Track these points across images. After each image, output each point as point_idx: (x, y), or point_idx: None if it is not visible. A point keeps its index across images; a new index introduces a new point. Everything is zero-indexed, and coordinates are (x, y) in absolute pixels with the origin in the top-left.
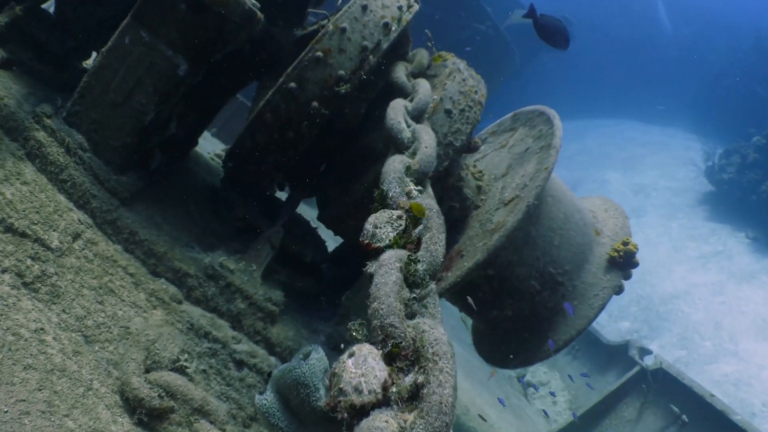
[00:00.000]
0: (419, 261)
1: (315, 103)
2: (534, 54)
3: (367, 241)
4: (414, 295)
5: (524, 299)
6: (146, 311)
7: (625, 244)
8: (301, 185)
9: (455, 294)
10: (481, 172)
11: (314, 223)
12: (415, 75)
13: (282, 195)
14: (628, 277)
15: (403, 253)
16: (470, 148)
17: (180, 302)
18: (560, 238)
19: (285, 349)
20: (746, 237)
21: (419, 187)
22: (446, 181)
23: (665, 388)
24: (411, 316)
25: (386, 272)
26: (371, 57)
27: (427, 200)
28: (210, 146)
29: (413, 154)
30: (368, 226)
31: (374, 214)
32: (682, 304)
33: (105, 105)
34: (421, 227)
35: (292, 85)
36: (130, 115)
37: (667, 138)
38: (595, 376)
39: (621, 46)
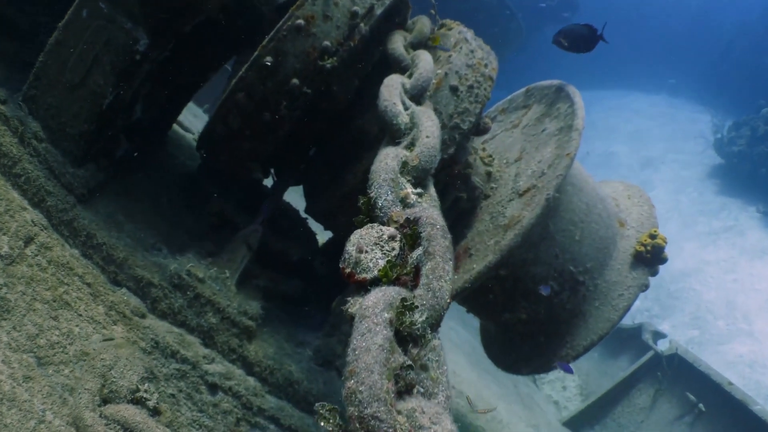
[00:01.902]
0: (417, 307)
1: (295, 81)
2: (538, 26)
3: (348, 270)
4: (409, 360)
5: (541, 301)
6: (106, 327)
7: (653, 237)
8: (285, 174)
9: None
10: (491, 156)
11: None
12: (415, 46)
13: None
14: (655, 273)
15: (395, 295)
16: (480, 129)
17: (143, 316)
18: (581, 232)
19: (265, 369)
20: (757, 211)
21: (419, 190)
22: (452, 168)
23: (681, 374)
24: (406, 389)
25: (370, 330)
26: (362, 25)
27: (429, 211)
28: (201, 125)
29: (411, 145)
30: (350, 248)
31: (359, 231)
32: (694, 282)
33: (61, 87)
34: (420, 251)
35: (268, 59)
36: (87, 98)
37: (674, 110)
38: (607, 361)
39: (627, 17)
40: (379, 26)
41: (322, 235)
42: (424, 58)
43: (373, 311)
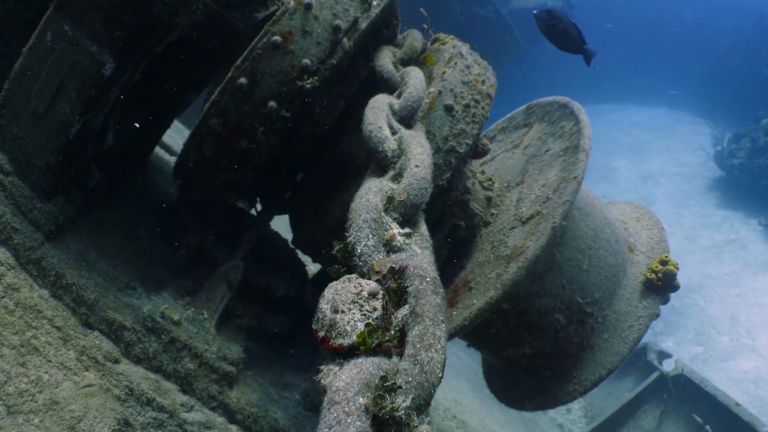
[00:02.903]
0: (400, 389)
1: (273, 103)
2: (535, 40)
3: (322, 334)
4: None
5: (546, 335)
6: (77, 373)
7: (664, 263)
8: (269, 202)
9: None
10: (491, 180)
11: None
12: (405, 62)
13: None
14: (666, 301)
15: (373, 372)
16: (478, 152)
17: (117, 361)
18: (589, 260)
19: (248, 416)
20: (759, 224)
21: (406, 230)
22: (448, 195)
23: (687, 395)
24: None
25: (339, 421)
26: (345, 40)
27: (417, 259)
28: None
29: (399, 176)
30: (324, 307)
31: (334, 285)
32: (698, 298)
33: (27, 117)
34: (406, 310)
35: (242, 80)
36: (54, 127)
37: (673, 122)
38: (611, 382)
39: (623, 29)
40: (365, 41)
41: (314, 265)
42: (414, 75)
43: (344, 395)
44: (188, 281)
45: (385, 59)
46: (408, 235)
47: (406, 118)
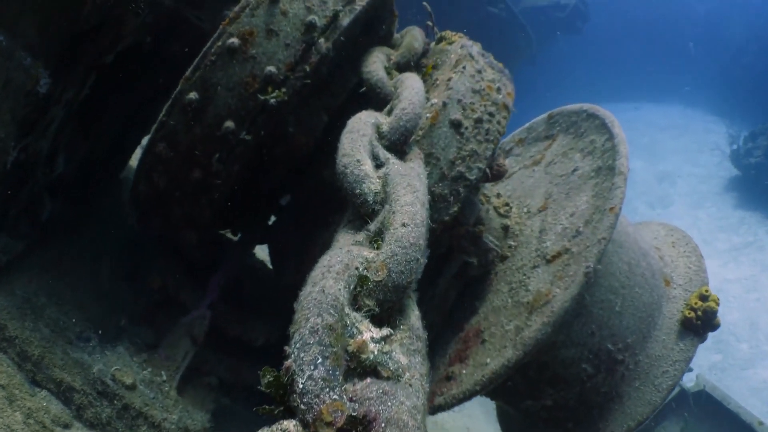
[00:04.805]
0: None
1: (229, 123)
2: (548, 38)
3: None
4: None
5: (571, 387)
6: None
7: (703, 298)
8: (246, 232)
9: None
10: (508, 204)
11: None
12: (402, 67)
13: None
14: (704, 340)
15: None
16: (493, 175)
17: (67, 426)
18: (623, 300)
19: None
20: None
21: (385, 330)
22: (456, 229)
23: (708, 413)
24: None
25: None
26: (322, 41)
27: (393, 402)
28: None
29: (379, 235)
30: None
31: None
32: None
33: None
34: None
35: (192, 96)
36: None
37: (687, 120)
38: None
39: (636, 26)
40: (350, 41)
41: None
42: (410, 84)
43: None
44: (149, 331)
45: (375, 64)
46: (387, 339)
47: (398, 142)
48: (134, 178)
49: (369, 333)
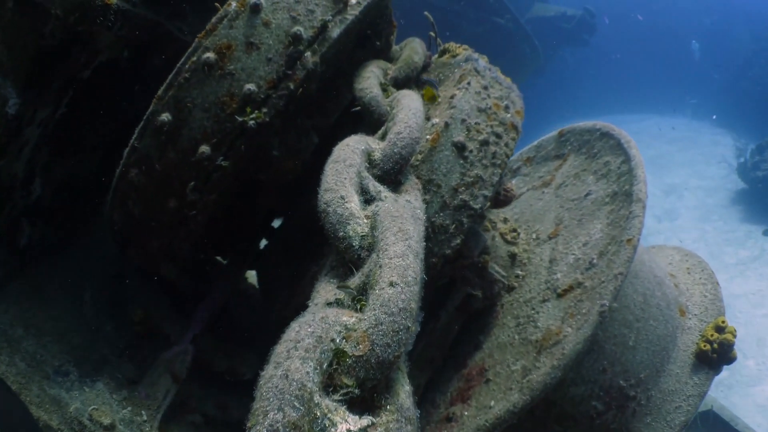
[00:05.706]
0: None
1: (205, 148)
2: (555, 49)
3: None
4: None
5: (579, 425)
6: None
7: (720, 330)
8: (235, 257)
9: None
10: (515, 230)
11: None
12: (400, 83)
13: None
14: (718, 373)
15: None
16: (499, 201)
17: None
18: (636, 334)
19: None
20: None
21: (365, 419)
22: (459, 262)
23: None
24: None
25: None
26: (309, 54)
27: None
28: None
29: (363, 293)
30: None
31: None
32: None
33: None
34: None
35: (165, 117)
36: None
37: (694, 133)
38: None
39: (642, 39)
40: (343, 54)
41: None
42: (406, 104)
43: None
44: (131, 365)
45: (369, 80)
46: (368, 430)
47: (391, 172)
48: (108, 205)
49: (345, 425)
